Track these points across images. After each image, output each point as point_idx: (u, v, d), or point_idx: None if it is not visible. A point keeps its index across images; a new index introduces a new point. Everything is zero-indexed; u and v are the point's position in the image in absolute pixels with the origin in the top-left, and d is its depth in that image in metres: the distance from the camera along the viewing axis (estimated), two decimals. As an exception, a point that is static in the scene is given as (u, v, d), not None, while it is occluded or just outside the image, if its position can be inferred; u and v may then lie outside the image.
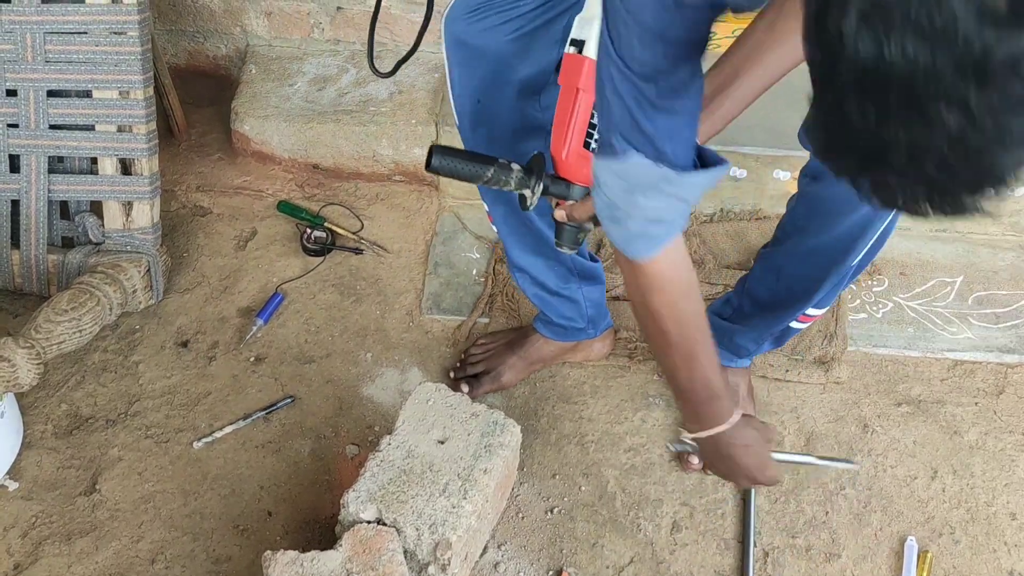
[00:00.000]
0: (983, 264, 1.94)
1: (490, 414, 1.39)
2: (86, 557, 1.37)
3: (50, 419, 1.55)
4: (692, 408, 1.24)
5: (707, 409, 1.22)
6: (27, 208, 1.70)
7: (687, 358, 1.16)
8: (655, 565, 1.41)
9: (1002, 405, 1.67)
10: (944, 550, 1.45)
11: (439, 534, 1.23)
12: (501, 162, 1.14)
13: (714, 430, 1.23)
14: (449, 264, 1.88)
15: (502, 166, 1.14)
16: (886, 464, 1.57)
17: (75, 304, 1.55)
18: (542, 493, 1.50)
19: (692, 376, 1.18)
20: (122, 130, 1.69)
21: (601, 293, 1.61)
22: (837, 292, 1.43)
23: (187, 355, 1.68)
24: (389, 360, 1.69)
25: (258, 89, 2.07)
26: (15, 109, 1.68)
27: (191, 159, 2.09)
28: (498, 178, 1.14)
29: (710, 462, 1.36)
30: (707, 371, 1.17)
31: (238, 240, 1.90)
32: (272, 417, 1.58)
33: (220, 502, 1.46)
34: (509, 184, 1.14)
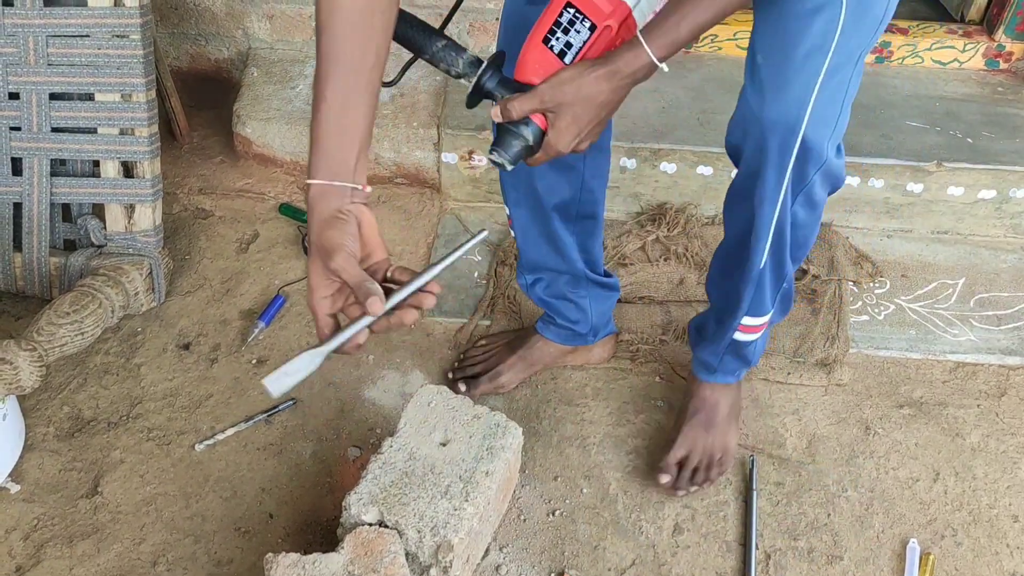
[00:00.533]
0: (985, 266, 1.94)
1: (492, 416, 1.39)
2: (88, 559, 1.37)
3: (52, 421, 1.55)
4: (672, 34, 1.04)
5: (685, 41, 1.05)
6: (29, 211, 1.71)
7: None
8: (657, 567, 1.41)
9: (1004, 407, 1.67)
10: (946, 552, 1.45)
11: (441, 536, 1.23)
12: (453, 42, 1.10)
13: (654, 59, 1.04)
14: (450, 266, 1.88)
15: (453, 46, 1.10)
16: (888, 466, 1.57)
17: (77, 307, 1.55)
18: (544, 495, 1.50)
19: (717, 11, 1.03)
20: (124, 133, 1.69)
21: (611, 303, 1.61)
22: (771, 298, 1.36)
23: (189, 357, 1.68)
24: (391, 362, 1.69)
25: (260, 92, 2.08)
26: (17, 112, 1.68)
27: (193, 162, 2.09)
28: (445, 56, 1.09)
29: (577, 101, 1.07)
30: (713, 19, 1.04)
31: (240, 243, 1.91)
32: (274, 419, 1.58)
33: (222, 504, 1.46)
34: (456, 66, 1.09)
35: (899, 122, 2.02)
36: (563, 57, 1.07)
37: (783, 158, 1.14)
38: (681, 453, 1.49)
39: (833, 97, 1.11)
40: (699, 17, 1.01)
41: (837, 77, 1.10)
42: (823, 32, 1.06)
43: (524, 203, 1.43)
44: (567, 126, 1.06)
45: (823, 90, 1.09)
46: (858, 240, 1.98)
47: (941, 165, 1.91)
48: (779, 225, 1.23)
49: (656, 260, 1.90)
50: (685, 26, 1.01)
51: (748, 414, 1.64)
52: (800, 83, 1.09)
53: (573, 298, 1.55)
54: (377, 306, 0.91)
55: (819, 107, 1.10)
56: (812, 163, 1.15)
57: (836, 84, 1.10)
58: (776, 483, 1.53)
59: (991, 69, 2.23)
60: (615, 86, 1.04)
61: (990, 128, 2.02)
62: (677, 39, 1.02)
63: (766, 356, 1.71)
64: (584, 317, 1.58)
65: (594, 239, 1.51)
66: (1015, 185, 1.93)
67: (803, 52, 1.08)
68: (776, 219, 1.22)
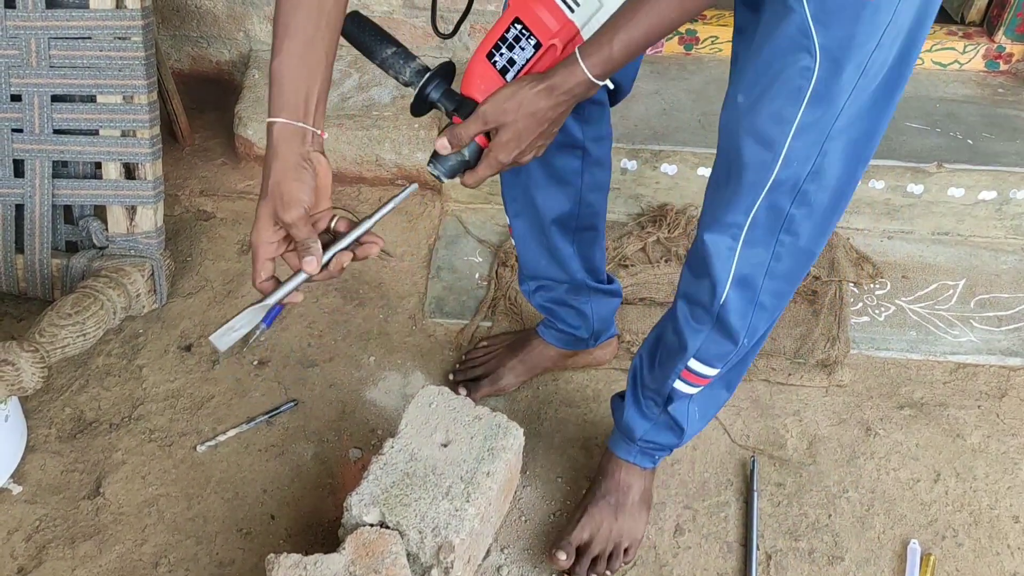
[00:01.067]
0: (985, 267, 1.94)
1: (493, 417, 1.39)
2: (90, 560, 1.37)
3: (54, 423, 1.56)
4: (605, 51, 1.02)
5: (620, 58, 1.02)
6: (31, 212, 1.71)
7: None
8: (658, 568, 1.41)
9: (1005, 408, 1.67)
10: (947, 553, 1.45)
11: (442, 537, 1.23)
12: (404, 50, 1.10)
13: (589, 77, 1.02)
14: (452, 268, 1.88)
15: (402, 53, 1.10)
16: (889, 467, 1.57)
17: (79, 308, 1.56)
18: (545, 496, 1.50)
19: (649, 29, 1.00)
20: (126, 135, 1.70)
21: (612, 308, 1.59)
22: (719, 350, 1.23)
23: (191, 359, 1.68)
24: (392, 364, 1.70)
25: (261, 94, 2.08)
26: (19, 114, 1.68)
27: (195, 163, 2.10)
28: (394, 63, 1.09)
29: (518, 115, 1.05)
30: (645, 37, 1.01)
31: (241, 244, 1.91)
32: (275, 421, 1.58)
33: (223, 506, 1.46)
34: (403, 74, 1.09)
35: (899, 123, 2.02)
36: (505, 74, 1.08)
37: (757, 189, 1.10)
38: (584, 536, 1.39)
39: (809, 147, 1.04)
40: (632, 34, 0.99)
41: (814, 130, 1.03)
42: (798, 84, 1.00)
43: (523, 214, 1.43)
44: (508, 141, 1.06)
45: (796, 138, 1.03)
46: (859, 241, 1.98)
47: (941, 166, 1.91)
48: (739, 274, 1.16)
49: (657, 261, 1.90)
50: (618, 44, 1.00)
51: (749, 415, 1.64)
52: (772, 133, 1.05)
53: (575, 304, 1.54)
54: (312, 266, 1.02)
55: (792, 154, 1.04)
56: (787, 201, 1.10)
57: (813, 137, 1.04)
58: (777, 484, 1.53)
59: (991, 70, 2.23)
60: (554, 102, 1.04)
61: (990, 129, 2.02)
62: (611, 56, 1.00)
63: (766, 357, 1.72)
64: (585, 323, 1.57)
65: (595, 249, 1.49)
66: (1015, 186, 1.93)
67: (778, 103, 1.02)
68: (732, 271, 1.15)
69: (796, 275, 1.17)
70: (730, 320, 1.19)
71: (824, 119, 1.02)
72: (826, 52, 0.97)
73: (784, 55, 1.00)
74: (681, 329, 1.24)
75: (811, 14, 0.96)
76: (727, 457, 1.57)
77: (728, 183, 1.11)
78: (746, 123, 1.06)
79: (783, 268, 1.15)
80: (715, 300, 1.17)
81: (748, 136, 1.06)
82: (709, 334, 1.22)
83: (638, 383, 1.37)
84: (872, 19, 0.95)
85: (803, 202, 1.08)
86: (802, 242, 1.12)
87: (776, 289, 1.17)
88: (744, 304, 1.18)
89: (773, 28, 1.00)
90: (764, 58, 1.02)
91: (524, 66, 1.08)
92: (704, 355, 1.25)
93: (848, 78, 0.99)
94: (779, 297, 1.19)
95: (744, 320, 1.19)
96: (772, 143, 1.04)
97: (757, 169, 1.07)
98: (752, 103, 1.04)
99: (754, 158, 1.06)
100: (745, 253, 1.13)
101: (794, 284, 1.19)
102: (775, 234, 1.11)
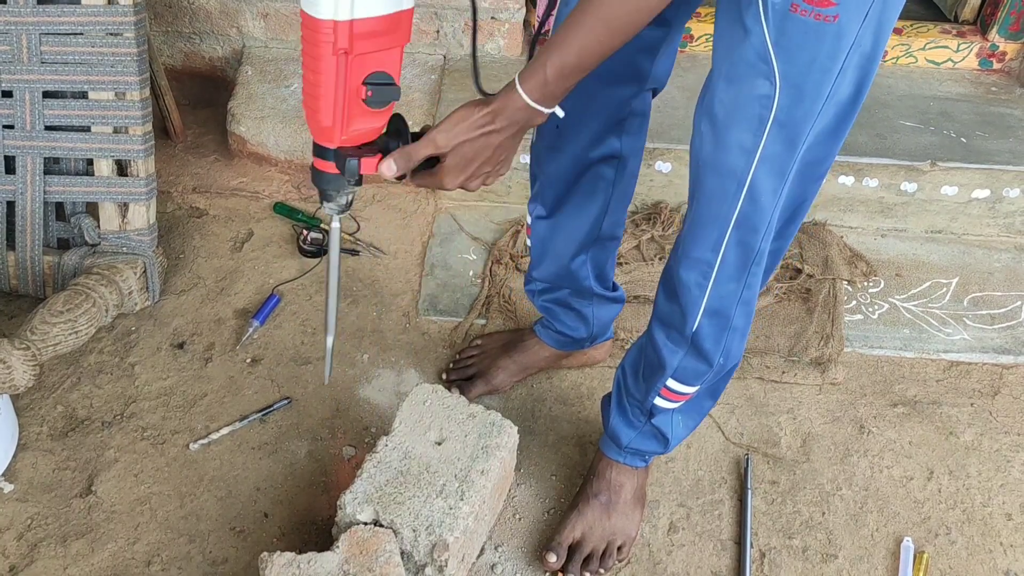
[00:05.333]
0: (978, 265, 1.94)
1: (487, 415, 1.38)
2: (82, 559, 1.37)
3: (46, 421, 1.55)
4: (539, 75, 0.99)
5: (555, 83, 0.99)
6: (23, 209, 1.70)
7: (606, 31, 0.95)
8: (652, 566, 1.41)
9: (997, 406, 1.68)
10: (940, 551, 1.45)
11: (436, 535, 1.22)
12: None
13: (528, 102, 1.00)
14: (446, 266, 1.88)
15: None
16: (882, 465, 1.57)
17: (71, 305, 1.55)
18: (539, 494, 1.50)
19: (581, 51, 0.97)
20: (118, 131, 1.69)
21: (614, 314, 1.59)
22: (696, 370, 1.24)
23: (183, 357, 1.67)
24: (386, 361, 1.69)
25: (254, 91, 2.07)
26: (11, 110, 1.67)
27: (187, 160, 2.09)
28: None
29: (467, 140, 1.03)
30: (578, 59, 0.97)
31: (234, 242, 1.90)
32: (269, 419, 1.58)
33: (216, 504, 1.45)
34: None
35: (893, 122, 2.03)
36: None
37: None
38: (576, 535, 1.39)
39: (775, 179, 1.03)
40: (564, 57, 0.96)
41: (779, 161, 1.02)
42: (758, 113, 0.98)
43: (548, 219, 1.41)
44: (454, 166, 1.04)
45: (760, 169, 1.02)
46: (852, 239, 1.98)
47: (935, 165, 1.92)
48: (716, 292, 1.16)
49: (651, 259, 1.90)
50: (551, 67, 0.97)
51: (743, 413, 1.64)
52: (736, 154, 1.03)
53: (577, 307, 1.53)
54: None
55: (758, 186, 1.03)
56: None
57: (777, 167, 1.03)
58: (771, 482, 1.54)
59: (984, 69, 2.24)
60: (498, 127, 1.01)
61: (984, 128, 2.03)
62: (546, 80, 0.98)
63: (760, 355, 1.72)
64: (585, 326, 1.56)
65: (609, 258, 1.49)
66: (1008, 185, 1.93)
67: (737, 133, 1.01)
68: (708, 291, 1.15)
69: (759, 287, 1.17)
70: (704, 345, 1.19)
71: (789, 151, 1.00)
72: (786, 79, 0.95)
73: (742, 82, 0.97)
74: (659, 349, 1.24)
75: (771, 40, 0.93)
76: (721, 455, 1.57)
77: (693, 212, 1.11)
78: (707, 152, 1.05)
79: (751, 294, 1.16)
80: (687, 327, 1.18)
81: (708, 166, 1.05)
82: (685, 356, 1.22)
83: (623, 392, 1.37)
84: (835, 44, 0.92)
85: (776, 236, 1.08)
86: (767, 264, 1.13)
87: (746, 311, 1.18)
88: (717, 331, 1.18)
89: (732, 53, 0.97)
90: (722, 85, 1.00)
91: None
92: (682, 375, 1.25)
93: (810, 106, 0.96)
94: (748, 315, 1.19)
95: (718, 344, 1.19)
96: (733, 174, 1.03)
97: (720, 200, 1.05)
98: (713, 132, 1.03)
99: (715, 189, 1.05)
100: (716, 291, 1.13)
101: (758, 292, 1.19)
102: (746, 268, 1.11)
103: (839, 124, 1.00)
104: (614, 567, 1.40)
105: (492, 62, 2.16)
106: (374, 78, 1.00)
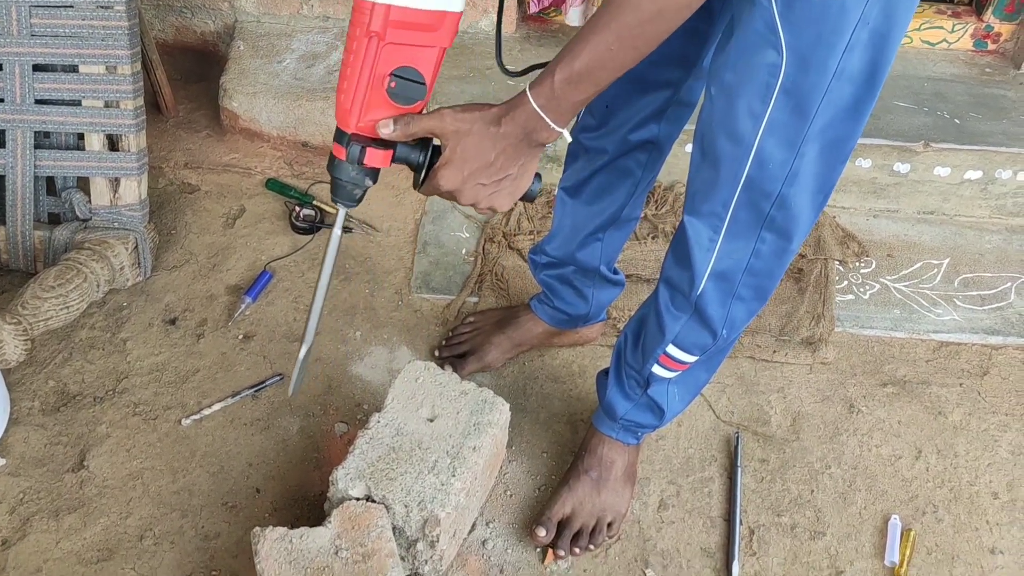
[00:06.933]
0: (969, 246, 1.95)
1: (479, 392, 1.39)
2: (74, 533, 1.37)
3: (37, 395, 1.55)
4: (547, 82, 0.96)
5: (562, 90, 0.96)
6: (13, 184, 1.69)
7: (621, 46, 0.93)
8: (642, 542, 1.43)
9: (986, 386, 1.69)
10: (927, 528, 1.47)
11: (428, 511, 1.23)
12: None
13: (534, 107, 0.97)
14: (438, 243, 1.88)
15: None
16: (871, 444, 1.58)
17: (62, 280, 1.54)
18: (531, 471, 1.50)
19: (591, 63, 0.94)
20: (109, 106, 1.68)
21: (612, 297, 1.59)
22: (697, 339, 1.23)
23: (175, 332, 1.67)
24: (378, 339, 1.69)
25: (247, 66, 2.06)
26: (0, 83, 1.66)
27: (179, 136, 2.08)
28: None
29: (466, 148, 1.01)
30: (588, 71, 0.95)
31: (226, 218, 1.90)
32: (261, 395, 1.58)
33: (208, 479, 1.46)
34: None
35: (887, 102, 2.03)
36: None
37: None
38: (566, 510, 1.39)
39: (784, 149, 1.03)
40: (572, 66, 0.93)
41: (788, 131, 1.02)
42: (766, 81, 0.98)
43: (577, 194, 1.41)
44: (454, 158, 1.00)
45: (767, 137, 1.02)
46: (845, 220, 1.98)
47: (928, 146, 1.92)
48: (719, 265, 1.15)
49: (644, 238, 1.90)
50: (559, 75, 0.94)
51: (734, 391, 1.65)
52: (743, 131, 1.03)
53: (579, 286, 1.54)
54: None
55: (765, 153, 1.03)
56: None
57: (787, 138, 1.02)
58: (760, 460, 1.55)
59: (979, 50, 2.23)
60: (503, 130, 0.98)
61: (977, 109, 2.03)
62: (553, 88, 0.95)
63: (752, 334, 1.72)
64: (583, 305, 1.57)
65: (622, 241, 1.49)
66: (1001, 166, 1.94)
67: (746, 99, 1.01)
68: (713, 259, 1.15)
69: (776, 272, 1.16)
70: (708, 310, 1.19)
71: (798, 122, 1.00)
72: (793, 50, 0.95)
73: (751, 50, 0.98)
74: (662, 313, 1.24)
75: (778, 12, 0.94)
76: (711, 433, 1.58)
77: (704, 172, 1.10)
78: (717, 116, 1.05)
79: (761, 265, 1.14)
80: (693, 290, 1.17)
81: (720, 129, 1.05)
82: (688, 322, 1.22)
83: (622, 362, 1.37)
84: (839, 18, 0.92)
85: (783, 206, 1.07)
86: (782, 240, 1.12)
87: (755, 284, 1.17)
88: (722, 295, 1.17)
89: (742, 21, 0.98)
90: (734, 52, 1.00)
91: None
92: (682, 342, 1.25)
93: (818, 78, 0.97)
94: (758, 291, 1.18)
95: (722, 310, 1.19)
96: (741, 139, 1.03)
97: (729, 163, 1.05)
98: (723, 96, 1.03)
99: (725, 152, 1.05)
100: (726, 247, 1.12)
101: (774, 280, 1.18)
102: (757, 229, 1.11)
103: (857, 103, 1.00)
104: (604, 543, 1.41)
105: (487, 39, 2.15)
106: (403, 72, 0.98)
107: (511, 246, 1.87)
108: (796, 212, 1.08)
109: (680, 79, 1.24)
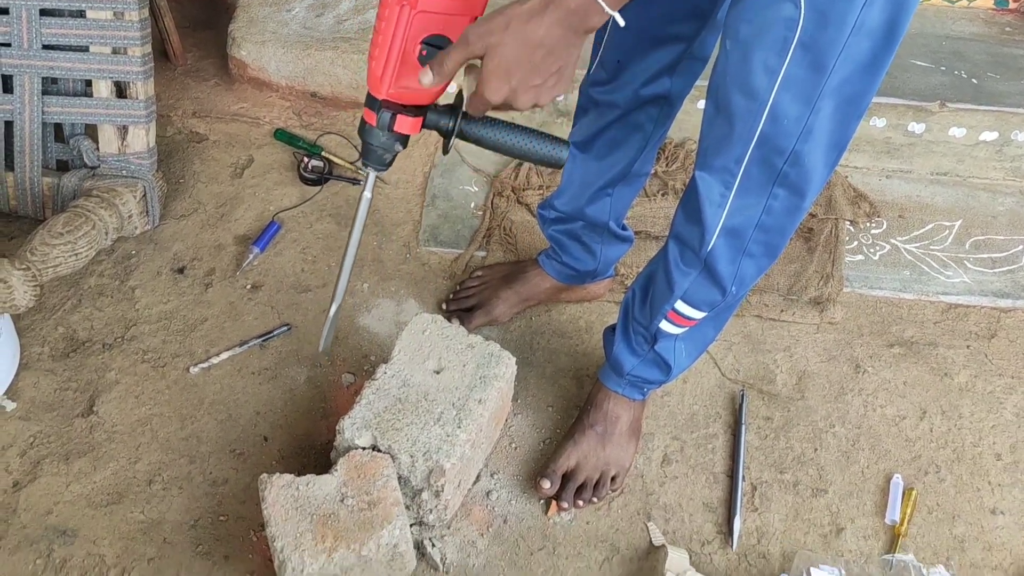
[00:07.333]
0: (982, 208, 1.93)
1: (486, 346, 1.39)
2: (84, 477, 1.39)
3: (47, 341, 1.56)
4: None
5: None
6: (21, 130, 1.68)
7: None
8: (645, 496, 1.44)
9: (993, 348, 1.68)
10: (929, 487, 1.48)
11: (433, 461, 1.24)
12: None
13: None
14: (447, 196, 1.87)
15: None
16: (876, 404, 1.59)
17: (71, 227, 1.54)
18: (536, 424, 1.51)
19: None
20: (117, 52, 1.66)
21: (621, 253, 1.59)
22: (706, 295, 1.23)
23: (184, 281, 1.68)
24: (386, 291, 1.69)
25: (256, 14, 2.03)
26: (7, 28, 1.64)
27: (187, 84, 2.06)
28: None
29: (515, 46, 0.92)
30: None
31: (234, 168, 1.89)
32: (268, 345, 1.59)
33: (216, 427, 1.47)
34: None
35: (904, 60, 2.00)
36: None
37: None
38: (571, 463, 1.41)
39: (800, 105, 1.01)
40: None
41: (804, 86, 1.00)
42: (783, 35, 0.96)
43: (587, 148, 1.40)
44: (494, 70, 0.92)
45: (782, 92, 1.00)
46: (857, 179, 1.97)
47: (944, 105, 1.89)
48: (731, 220, 1.14)
49: (654, 195, 1.89)
50: None
51: (740, 350, 1.65)
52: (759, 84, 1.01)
53: (587, 242, 1.53)
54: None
55: (780, 109, 1.01)
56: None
57: (803, 93, 1.01)
58: (765, 418, 1.55)
59: (1000, 8, 2.19)
60: (549, 22, 0.88)
61: (996, 69, 2.00)
62: None
63: (759, 293, 1.72)
64: (591, 261, 1.56)
65: (631, 197, 1.48)
66: (1017, 128, 1.91)
67: (763, 53, 0.98)
68: (725, 213, 1.13)
69: (787, 228, 1.16)
70: (717, 266, 1.18)
71: (815, 77, 0.98)
72: (811, 4, 0.93)
73: (768, 3, 0.96)
74: (671, 269, 1.23)
75: None
76: (717, 390, 1.59)
77: (717, 128, 1.09)
78: (732, 70, 1.03)
79: (773, 222, 1.13)
80: (703, 246, 1.16)
81: (734, 84, 1.03)
82: (697, 278, 1.21)
83: (629, 317, 1.37)
84: None
85: (796, 162, 1.06)
86: (795, 197, 1.11)
87: (766, 241, 1.16)
88: (732, 252, 1.17)
89: None
90: (750, 5, 0.98)
91: None
92: (691, 298, 1.24)
93: (836, 33, 0.95)
94: (769, 248, 1.18)
95: (732, 266, 1.18)
96: (756, 94, 1.01)
97: (742, 118, 1.04)
98: (739, 50, 1.01)
99: (739, 107, 1.04)
100: (737, 203, 1.11)
101: (785, 237, 1.17)
102: (769, 186, 1.09)
103: (875, 58, 0.98)
104: (607, 496, 1.42)
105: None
106: (434, 40, 0.97)
107: (520, 201, 1.86)
108: (809, 168, 1.07)
109: (694, 33, 1.22)
